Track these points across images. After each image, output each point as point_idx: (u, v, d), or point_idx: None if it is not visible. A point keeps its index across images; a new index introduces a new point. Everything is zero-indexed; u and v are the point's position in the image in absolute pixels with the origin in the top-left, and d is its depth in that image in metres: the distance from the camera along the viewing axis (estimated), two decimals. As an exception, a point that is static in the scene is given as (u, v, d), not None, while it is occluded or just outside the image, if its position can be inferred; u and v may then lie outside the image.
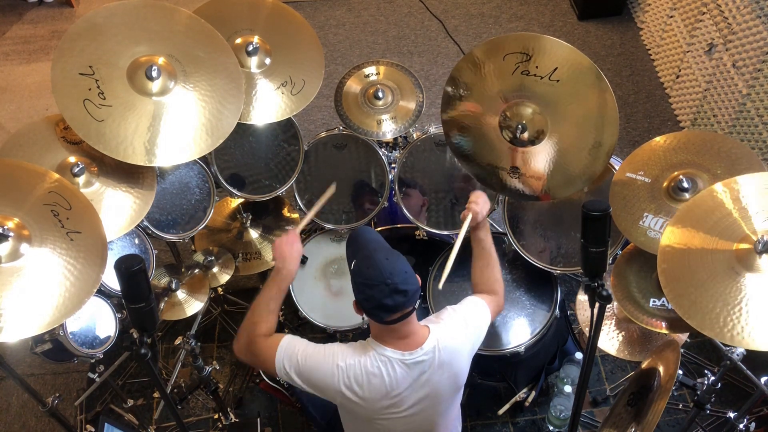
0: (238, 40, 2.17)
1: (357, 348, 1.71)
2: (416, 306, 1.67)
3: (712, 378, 1.86)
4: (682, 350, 1.99)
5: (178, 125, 1.96)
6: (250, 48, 2.15)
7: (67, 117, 1.85)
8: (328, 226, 2.50)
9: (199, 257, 2.38)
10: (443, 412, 1.82)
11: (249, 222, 2.48)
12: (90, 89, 1.88)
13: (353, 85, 2.39)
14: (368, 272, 1.63)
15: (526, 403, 2.43)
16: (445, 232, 2.46)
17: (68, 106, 1.86)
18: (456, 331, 1.76)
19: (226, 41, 2.08)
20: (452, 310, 1.83)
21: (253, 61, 2.17)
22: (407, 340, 1.69)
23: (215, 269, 2.37)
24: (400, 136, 2.47)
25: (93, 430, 2.35)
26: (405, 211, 2.43)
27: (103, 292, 2.08)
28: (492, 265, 1.98)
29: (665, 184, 1.91)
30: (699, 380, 1.91)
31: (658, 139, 1.98)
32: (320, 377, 1.68)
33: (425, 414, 1.78)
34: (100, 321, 2.09)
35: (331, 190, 2.25)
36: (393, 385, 1.68)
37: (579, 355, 2.37)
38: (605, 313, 1.51)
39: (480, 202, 1.99)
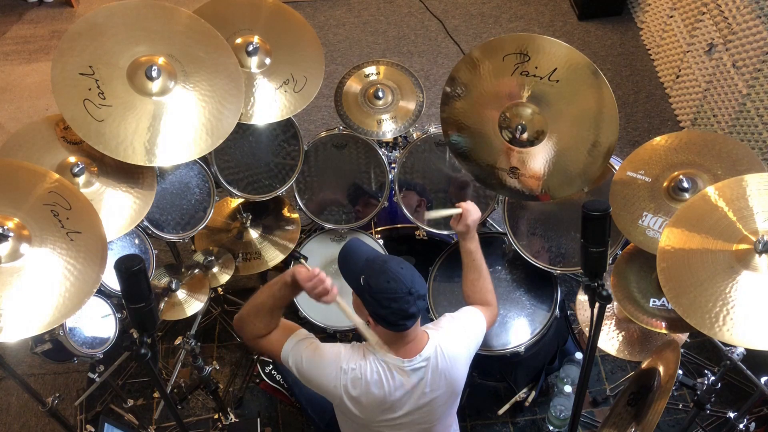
0: (238, 40, 2.17)
1: (358, 352, 1.71)
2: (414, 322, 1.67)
3: (712, 378, 1.86)
4: (682, 350, 1.99)
5: (178, 125, 1.96)
6: (250, 48, 2.15)
7: (67, 117, 1.85)
8: (328, 226, 2.50)
9: (199, 257, 2.38)
10: (440, 418, 1.83)
11: (249, 222, 2.48)
12: (90, 89, 1.88)
13: (353, 85, 2.39)
14: (390, 285, 1.58)
15: (526, 403, 2.43)
16: (445, 232, 2.45)
17: (68, 106, 1.86)
18: (455, 339, 1.77)
19: (226, 41, 2.08)
20: (451, 317, 1.85)
21: (253, 61, 2.17)
22: (407, 347, 1.69)
23: (215, 269, 2.37)
24: (400, 136, 2.47)
25: (93, 430, 2.35)
26: (405, 211, 2.43)
27: (103, 292, 2.08)
28: (484, 277, 1.99)
29: (665, 183, 1.91)
30: (699, 380, 1.90)
31: (659, 139, 1.98)
32: (323, 381, 1.69)
33: (422, 420, 1.78)
34: (100, 321, 2.09)
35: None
36: (390, 392, 1.68)
37: (579, 355, 2.37)
38: (605, 313, 1.51)
39: (471, 207, 1.98)
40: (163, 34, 2.00)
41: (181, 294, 2.28)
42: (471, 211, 1.98)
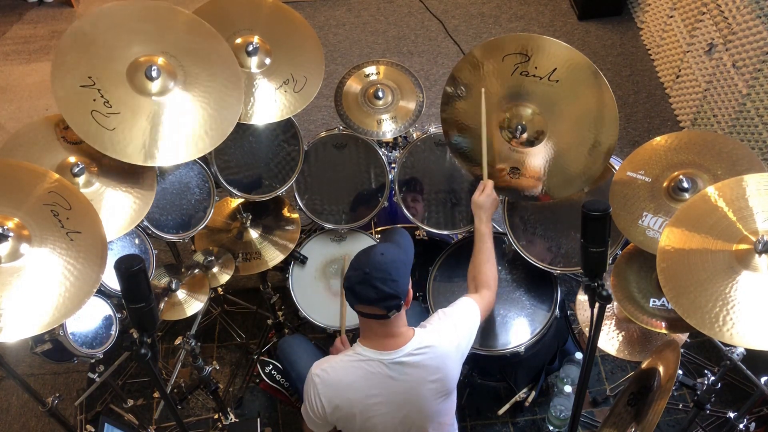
0: (238, 40, 2.17)
1: (338, 355, 1.79)
2: (389, 314, 1.67)
3: (712, 378, 1.86)
4: (682, 350, 1.99)
5: (182, 124, 1.96)
6: (250, 48, 2.15)
7: (81, 133, 1.84)
8: (328, 226, 2.50)
9: (199, 257, 2.38)
10: (432, 416, 1.82)
11: (249, 222, 2.48)
12: (95, 100, 1.87)
13: (353, 85, 2.39)
14: (360, 255, 1.71)
15: (526, 403, 2.43)
16: (445, 232, 2.45)
17: (78, 122, 1.85)
18: (445, 335, 1.79)
19: (225, 40, 2.08)
20: (442, 314, 1.86)
21: (253, 61, 2.17)
22: (388, 341, 1.71)
23: (215, 269, 2.37)
24: (400, 136, 2.47)
25: (93, 430, 2.35)
26: (405, 211, 2.43)
27: (103, 292, 2.08)
28: (491, 263, 2.06)
29: (665, 183, 1.91)
30: (699, 380, 1.91)
31: (659, 139, 1.98)
32: (307, 396, 1.78)
33: (413, 416, 1.79)
34: (100, 321, 2.09)
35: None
36: (371, 383, 1.71)
37: (579, 355, 2.37)
38: (605, 313, 1.51)
39: (489, 188, 2.13)
40: (159, 34, 1.99)
41: (181, 294, 2.28)
42: (488, 187, 2.12)
